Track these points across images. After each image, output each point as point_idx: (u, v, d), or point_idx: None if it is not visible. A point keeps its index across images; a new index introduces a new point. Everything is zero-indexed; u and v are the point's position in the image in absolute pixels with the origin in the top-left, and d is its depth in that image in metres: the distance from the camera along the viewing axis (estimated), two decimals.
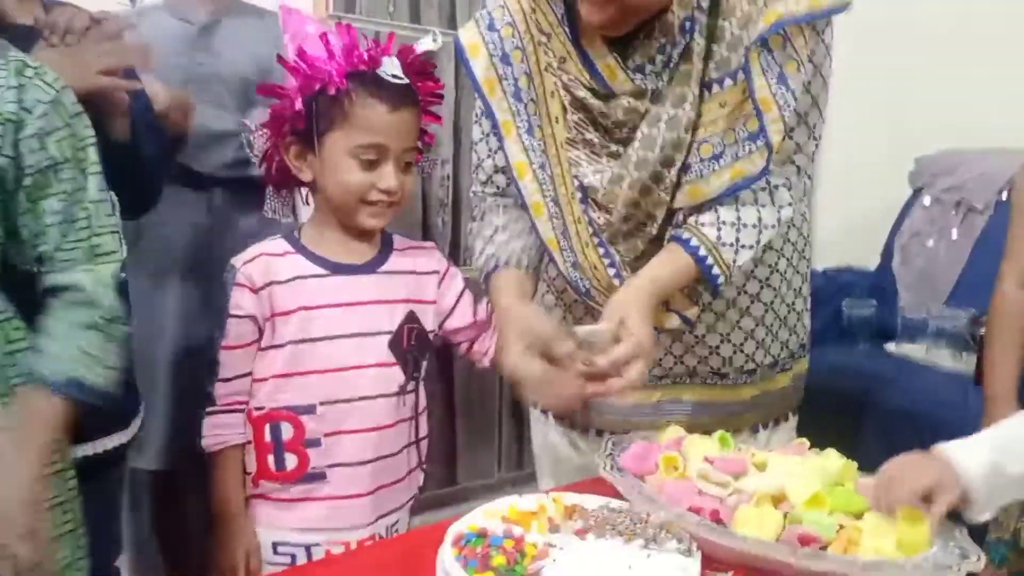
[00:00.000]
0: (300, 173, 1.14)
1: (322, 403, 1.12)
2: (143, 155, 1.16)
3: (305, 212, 1.27)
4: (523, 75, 1.10)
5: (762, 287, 1.20)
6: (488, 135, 1.17)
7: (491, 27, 1.12)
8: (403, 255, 1.21)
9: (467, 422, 2.49)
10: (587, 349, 0.98)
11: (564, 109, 1.10)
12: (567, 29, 1.08)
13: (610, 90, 1.06)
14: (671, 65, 1.04)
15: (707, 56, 1.03)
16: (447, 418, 2.42)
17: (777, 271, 1.20)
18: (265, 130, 1.16)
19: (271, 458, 1.13)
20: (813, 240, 1.31)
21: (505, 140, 1.11)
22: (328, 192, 1.13)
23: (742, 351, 1.21)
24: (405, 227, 2.14)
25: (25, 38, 1.05)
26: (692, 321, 1.14)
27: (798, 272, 1.24)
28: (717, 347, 1.20)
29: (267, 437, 1.13)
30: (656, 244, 1.10)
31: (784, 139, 1.05)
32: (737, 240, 1.07)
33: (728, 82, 1.03)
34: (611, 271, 1.11)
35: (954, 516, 0.86)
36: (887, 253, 2.30)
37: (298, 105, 1.11)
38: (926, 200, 2.24)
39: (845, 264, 2.35)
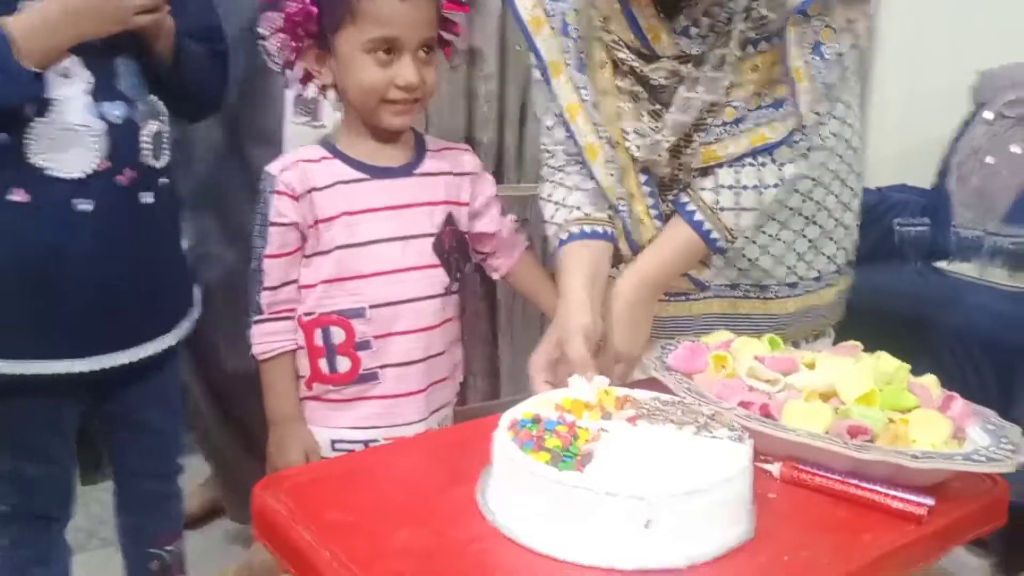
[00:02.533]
0: (320, 77, 1.14)
1: (372, 306, 1.14)
2: (187, 70, 1.17)
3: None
4: (571, 11, 1.07)
5: (804, 200, 1.17)
6: (551, 104, 1.12)
7: None
8: (438, 156, 1.21)
9: (510, 337, 2.51)
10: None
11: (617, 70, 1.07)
12: None
13: (653, 52, 1.03)
14: (716, 29, 1.01)
15: (747, 15, 1.00)
16: (490, 333, 2.44)
17: (821, 185, 1.18)
18: (281, 35, 1.13)
19: (323, 362, 1.16)
20: (869, 158, 1.28)
21: (553, 82, 1.08)
22: (348, 93, 1.12)
23: (783, 263, 1.19)
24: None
25: None
26: (704, 283, 1.14)
27: (846, 186, 1.21)
28: (757, 259, 1.18)
29: (318, 341, 1.15)
30: None
31: (810, 110, 1.01)
32: (737, 203, 1.05)
33: (763, 44, 1.00)
34: (658, 223, 1.10)
35: (1006, 414, 0.86)
36: (944, 170, 2.23)
37: (307, 4, 1.09)
38: (988, 115, 2.17)
39: (901, 182, 2.29)
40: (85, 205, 1.09)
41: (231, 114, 1.53)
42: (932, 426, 0.82)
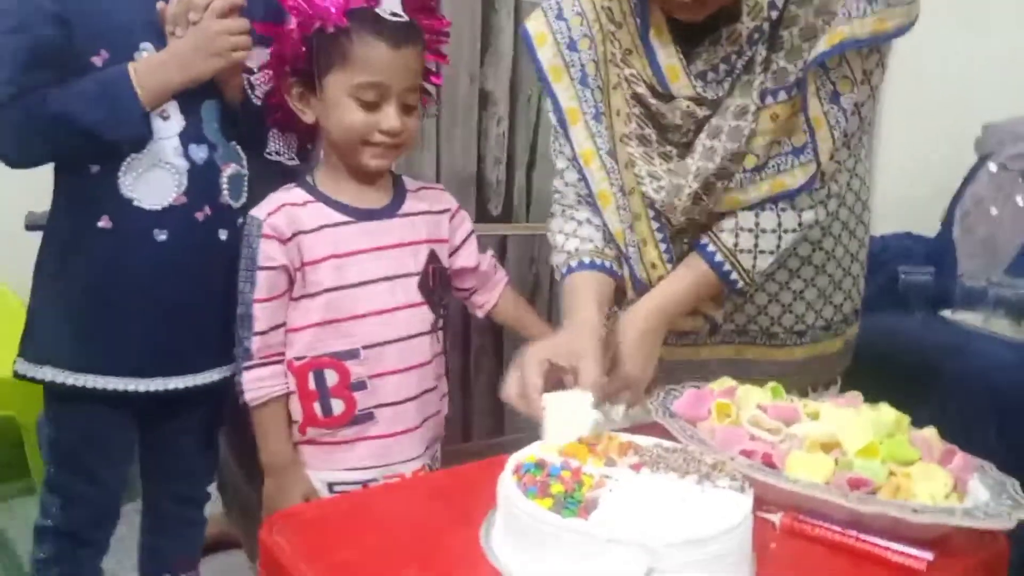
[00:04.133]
0: (303, 115, 1.16)
1: (364, 347, 1.15)
2: (254, 105, 1.24)
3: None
4: (591, 62, 1.10)
5: (814, 250, 1.20)
6: (564, 148, 1.15)
7: (559, 16, 1.13)
8: (417, 196, 1.23)
9: None
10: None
11: (626, 103, 1.10)
12: (637, 20, 1.07)
13: (669, 91, 1.06)
14: (733, 75, 1.04)
15: (766, 66, 1.03)
16: (495, 369, 2.45)
17: (831, 235, 1.20)
18: (267, 71, 1.17)
19: (317, 405, 1.17)
20: (874, 206, 1.30)
21: (571, 129, 1.11)
22: (331, 134, 1.15)
23: (791, 312, 1.21)
24: (461, 183, 2.18)
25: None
26: (718, 322, 1.16)
27: (854, 236, 1.24)
28: (765, 306, 1.21)
29: (311, 385, 1.16)
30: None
31: (829, 158, 1.04)
32: (756, 246, 1.08)
33: (782, 95, 1.03)
34: (670, 267, 1.12)
35: (1007, 464, 0.87)
36: (948, 220, 2.26)
37: (298, 45, 1.12)
38: (992, 167, 2.19)
39: (905, 230, 2.31)
40: (162, 235, 1.16)
41: None
42: (933, 479, 0.82)
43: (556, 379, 0.97)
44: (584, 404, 0.88)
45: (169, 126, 1.16)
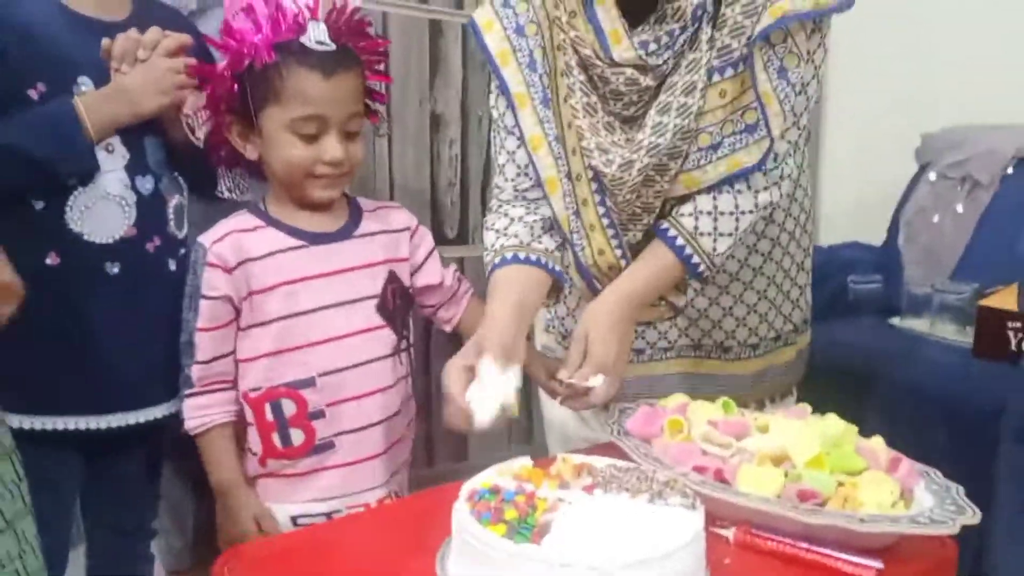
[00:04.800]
0: (245, 152, 1.15)
1: (320, 375, 1.13)
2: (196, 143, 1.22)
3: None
4: (538, 48, 1.11)
5: (765, 260, 1.22)
6: (505, 142, 1.15)
7: (505, 4, 1.13)
8: (374, 216, 1.22)
9: None
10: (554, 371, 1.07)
11: (570, 70, 1.10)
12: None
13: (611, 56, 1.06)
14: (676, 48, 1.05)
15: (711, 44, 1.04)
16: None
17: (779, 244, 1.22)
18: (204, 112, 1.16)
19: (276, 436, 1.14)
20: (818, 216, 1.33)
21: (520, 112, 1.11)
22: (273, 169, 1.14)
23: (745, 325, 1.23)
24: (416, 206, 2.18)
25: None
26: (680, 307, 1.16)
27: (800, 246, 1.26)
28: (720, 321, 1.22)
29: (269, 416, 1.13)
30: (652, 236, 1.12)
31: (779, 133, 1.05)
32: (715, 228, 1.08)
33: (729, 71, 1.04)
34: (618, 252, 1.12)
35: (952, 475, 0.89)
36: (893, 229, 2.31)
37: (230, 83, 1.11)
38: (932, 176, 2.25)
39: (853, 240, 2.36)
40: (114, 268, 1.14)
41: None
42: (880, 488, 0.84)
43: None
44: (498, 378, 0.94)
45: (114, 159, 1.14)
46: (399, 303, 1.20)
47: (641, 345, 1.25)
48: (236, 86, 1.11)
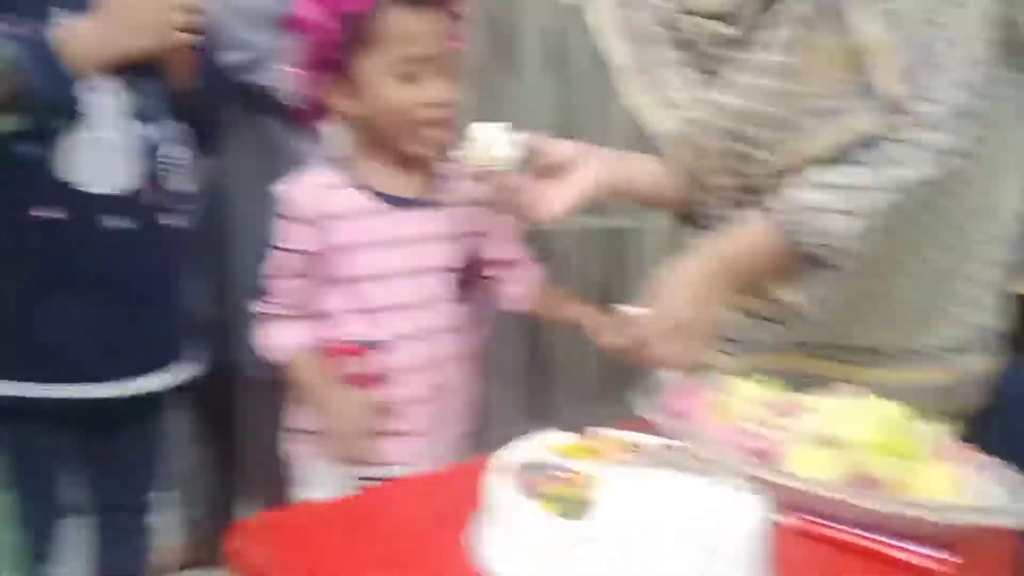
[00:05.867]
0: (342, 107, 1.08)
1: (391, 339, 1.10)
2: (211, 95, 1.17)
3: None
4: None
5: (908, 253, 1.02)
6: None
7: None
8: (455, 184, 1.16)
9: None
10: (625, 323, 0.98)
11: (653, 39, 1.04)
12: None
13: (686, 7, 0.99)
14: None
15: None
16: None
17: (934, 239, 1.02)
18: (299, 70, 1.09)
19: None
20: None
21: (623, 85, 1.06)
22: (376, 121, 1.08)
23: (896, 326, 1.05)
24: None
25: None
26: (800, 308, 0.99)
27: (984, 242, 1.04)
28: (843, 319, 1.05)
29: (334, 371, 1.10)
30: None
31: (899, 85, 0.88)
32: (846, 207, 0.91)
33: (829, 23, 0.90)
34: None
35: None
36: None
37: (327, 33, 1.04)
38: None
39: None
40: (114, 222, 1.06)
41: None
42: (941, 476, 0.78)
43: None
44: (503, 132, 0.97)
45: (111, 102, 1.06)
46: (472, 277, 1.17)
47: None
48: (333, 36, 1.04)
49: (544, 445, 0.77)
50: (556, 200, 1.03)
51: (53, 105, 1.01)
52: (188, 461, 1.71)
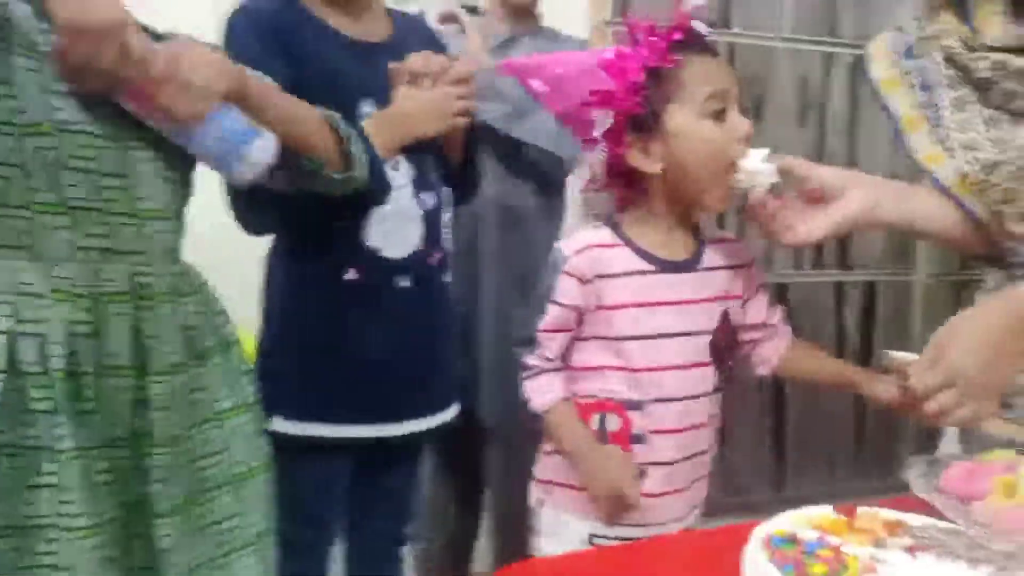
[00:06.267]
0: (646, 166, 1.10)
1: (650, 400, 1.11)
2: (473, 168, 1.30)
3: None
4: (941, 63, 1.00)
5: None
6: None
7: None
8: (716, 248, 1.17)
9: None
10: (899, 375, 0.90)
11: (939, 67, 0.99)
12: None
13: (973, 42, 0.93)
14: None
15: None
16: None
17: None
18: (602, 143, 1.12)
19: None
20: None
21: (912, 137, 1.03)
22: (687, 170, 1.08)
23: None
24: None
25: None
26: None
27: None
28: None
29: (594, 426, 1.13)
30: None
31: None
32: None
33: None
34: None
35: None
36: None
37: (633, 93, 1.07)
38: None
39: None
40: (404, 282, 1.20)
41: None
42: None
43: None
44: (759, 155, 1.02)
45: (402, 175, 1.19)
46: (728, 342, 1.17)
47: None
48: (638, 93, 1.08)
49: (800, 518, 0.73)
50: (812, 224, 1.02)
51: (372, 186, 1.15)
52: (436, 501, 1.80)
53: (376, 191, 1.15)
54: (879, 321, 2.45)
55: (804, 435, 2.43)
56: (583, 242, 1.13)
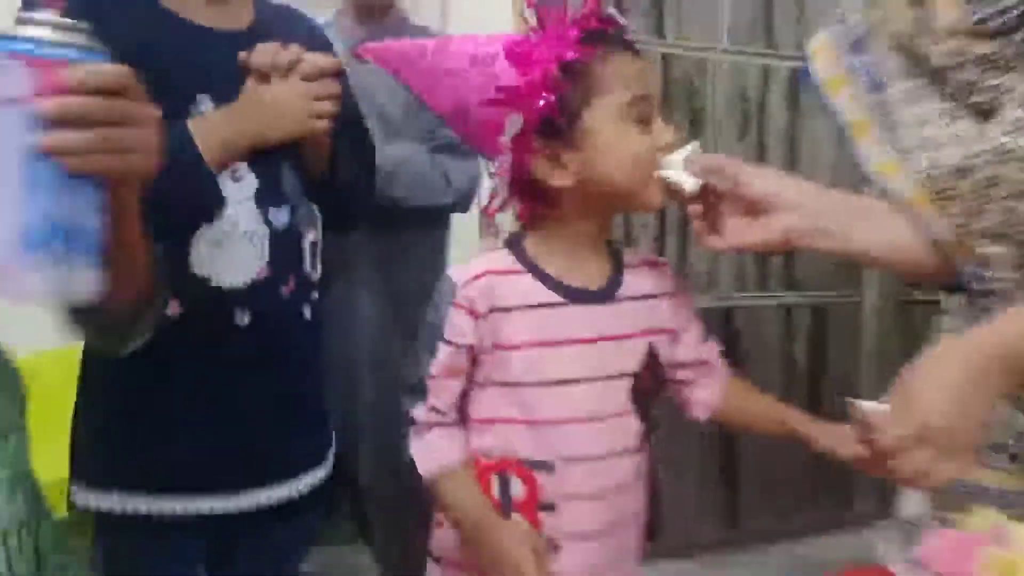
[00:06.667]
0: (556, 179, 0.92)
1: (560, 459, 0.92)
2: (341, 182, 1.06)
3: None
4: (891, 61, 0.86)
5: None
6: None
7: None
8: (636, 274, 0.99)
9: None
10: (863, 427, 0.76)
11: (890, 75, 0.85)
12: None
13: (928, 24, 0.78)
14: None
15: None
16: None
17: None
18: (507, 152, 0.94)
19: None
20: None
21: (860, 144, 0.89)
22: (608, 177, 0.91)
23: None
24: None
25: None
26: None
27: None
28: None
29: (494, 491, 0.94)
30: None
31: None
32: None
33: None
34: None
35: None
36: None
37: (546, 94, 0.91)
38: None
39: None
40: (245, 318, 0.97)
41: None
42: None
43: None
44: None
45: (243, 188, 0.97)
46: (653, 385, 0.98)
47: None
48: (549, 96, 0.91)
49: None
50: (730, 235, 0.89)
51: (195, 206, 0.94)
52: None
53: (204, 205, 0.93)
54: (829, 345, 2.34)
55: (756, 468, 2.30)
56: (477, 269, 0.94)
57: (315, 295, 1.05)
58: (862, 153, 0.88)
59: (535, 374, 0.92)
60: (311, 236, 1.04)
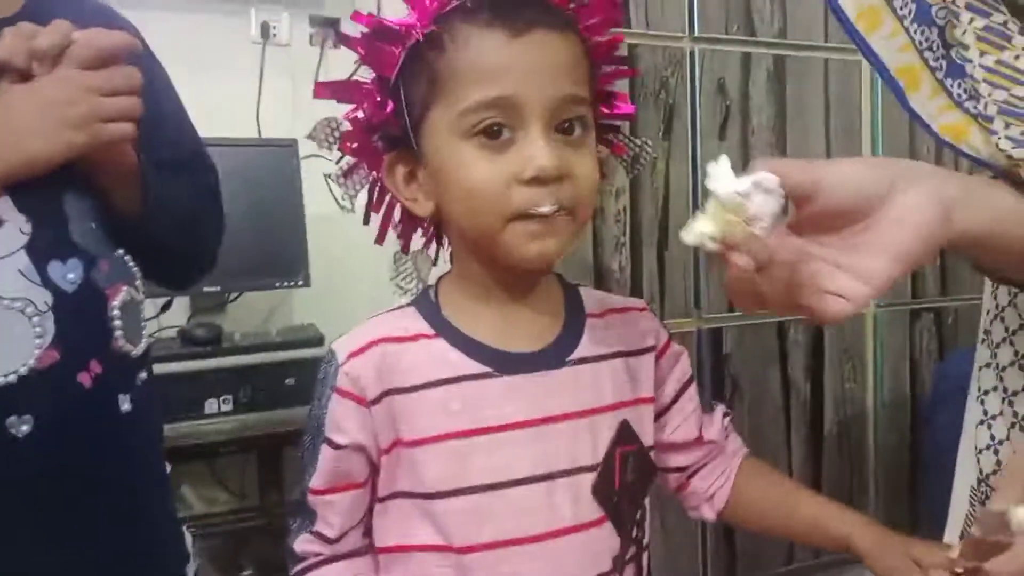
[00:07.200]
0: (415, 204, 0.70)
1: None
2: (161, 216, 0.80)
3: None
4: None
5: None
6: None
7: None
8: (601, 323, 0.74)
9: None
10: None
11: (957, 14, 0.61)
12: None
13: None
14: None
15: None
16: None
17: None
18: (356, 161, 0.73)
19: None
20: None
21: (911, 99, 0.64)
22: (454, 211, 0.67)
23: None
24: (576, 274, 1.73)
25: None
26: None
27: None
28: None
29: None
30: None
31: None
32: None
33: None
34: None
35: None
36: None
37: (383, 94, 0.68)
38: None
39: None
40: (24, 425, 0.71)
41: None
42: None
43: None
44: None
45: (5, 237, 0.71)
46: (632, 479, 0.71)
47: None
48: (388, 98, 0.69)
49: None
50: (863, 275, 0.52)
51: None
52: None
53: None
54: (828, 363, 2.09)
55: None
56: (363, 337, 0.69)
57: (141, 376, 0.79)
58: (916, 110, 0.63)
59: (454, 479, 0.67)
60: (121, 295, 0.78)
